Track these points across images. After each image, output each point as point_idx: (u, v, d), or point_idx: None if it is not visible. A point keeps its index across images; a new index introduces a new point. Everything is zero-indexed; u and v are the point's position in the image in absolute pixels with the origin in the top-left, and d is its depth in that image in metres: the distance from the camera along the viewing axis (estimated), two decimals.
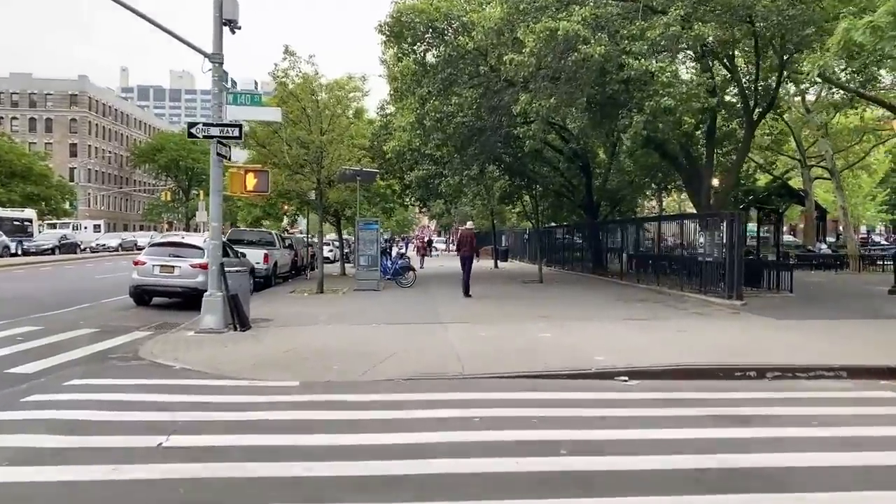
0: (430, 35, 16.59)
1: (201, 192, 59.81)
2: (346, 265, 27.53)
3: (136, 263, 16.32)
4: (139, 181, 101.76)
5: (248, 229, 26.29)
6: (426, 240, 58.50)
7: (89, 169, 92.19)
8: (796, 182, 38.64)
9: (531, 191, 24.35)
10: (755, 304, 15.44)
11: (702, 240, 16.85)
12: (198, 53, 11.92)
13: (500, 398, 7.13)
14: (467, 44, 15.70)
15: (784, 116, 23.75)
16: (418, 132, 17.74)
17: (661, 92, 12.92)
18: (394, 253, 33.72)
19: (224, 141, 11.98)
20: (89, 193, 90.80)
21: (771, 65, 18.11)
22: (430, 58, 17.44)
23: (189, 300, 14.92)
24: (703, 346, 10.12)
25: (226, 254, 17.71)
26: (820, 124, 31.42)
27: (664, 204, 41.89)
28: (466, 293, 17.62)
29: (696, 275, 17.91)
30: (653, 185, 26.53)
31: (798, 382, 8.22)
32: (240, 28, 12.10)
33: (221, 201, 12.22)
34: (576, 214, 31.94)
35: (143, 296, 16.17)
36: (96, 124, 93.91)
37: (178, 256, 15.94)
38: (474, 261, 19.57)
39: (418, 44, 17.01)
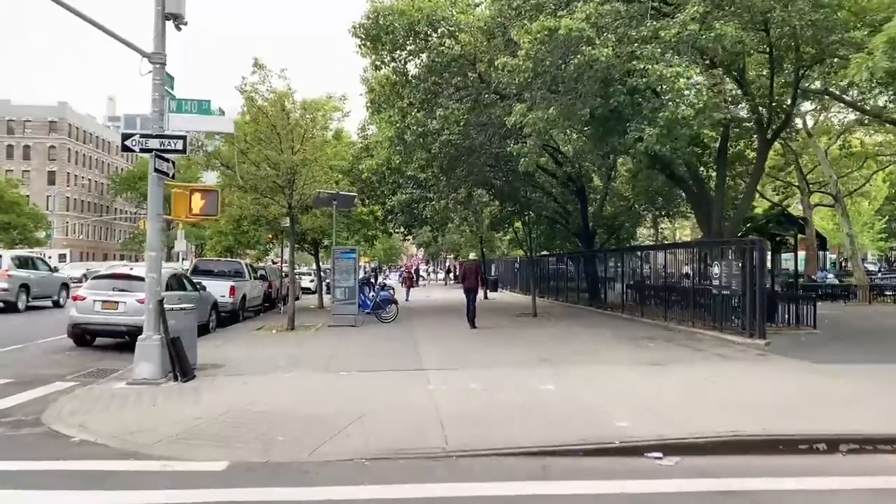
0: (411, 41, 14.84)
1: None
2: (324, 297, 25.46)
3: (74, 298, 14.29)
4: (120, 210, 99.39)
5: (214, 259, 24.26)
6: (413, 269, 56.58)
7: (67, 197, 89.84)
8: (794, 209, 37.23)
9: (523, 217, 22.56)
10: (779, 343, 13.60)
11: (716, 270, 15.07)
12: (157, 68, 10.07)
13: (498, 495, 5.18)
14: (453, 47, 13.98)
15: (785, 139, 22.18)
16: (398, 148, 15.88)
17: (676, 101, 11.22)
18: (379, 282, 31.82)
19: (165, 155, 10.10)
20: (67, 222, 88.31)
21: (786, 80, 16.56)
22: (411, 68, 15.70)
23: (136, 340, 12.87)
24: (742, 401, 8.22)
25: (181, 287, 15.79)
26: (824, 148, 30.08)
27: (662, 232, 40.30)
28: (472, 325, 17.21)
29: (708, 309, 16.12)
30: (654, 211, 24.88)
31: (885, 460, 6.32)
32: (186, 24, 10.30)
33: (161, 226, 10.30)
34: (570, 242, 30.19)
35: (83, 336, 14.12)
36: (76, 151, 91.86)
37: (123, 290, 13.90)
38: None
39: (398, 51, 15.27)
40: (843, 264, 48.02)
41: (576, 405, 8.00)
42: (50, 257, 37.22)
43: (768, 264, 20.22)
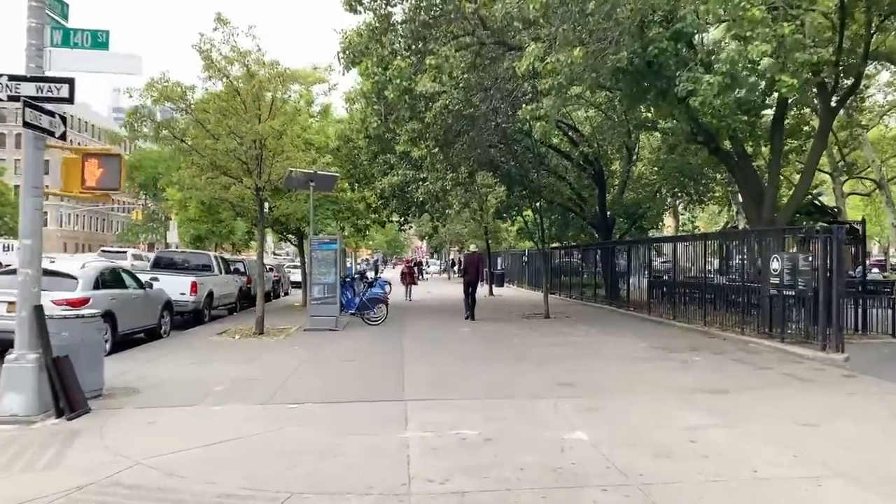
0: None
1: (173, 209, 54.35)
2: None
3: None
4: (118, 200, 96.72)
5: (179, 251, 21.53)
6: (414, 262, 53.65)
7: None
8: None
9: (533, 204, 19.63)
10: (860, 358, 10.73)
11: (775, 265, 12.15)
12: None
13: None
14: None
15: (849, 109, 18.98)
16: (376, 108, 12.95)
17: (742, 37, 8.31)
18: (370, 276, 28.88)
19: (43, 105, 7.26)
20: (61, 212, 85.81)
21: (855, 33, 13.59)
22: (397, 13, 12.62)
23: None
24: (867, 465, 5.36)
25: (118, 283, 13.01)
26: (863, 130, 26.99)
27: (680, 222, 37.23)
28: (472, 317, 17.36)
29: (761, 312, 13.24)
30: (683, 197, 21.93)
31: None
32: None
33: (42, 203, 7.47)
34: (585, 233, 27.28)
35: None
36: (70, 139, 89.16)
37: None
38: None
39: None
40: (884, 259, 44.90)
41: (625, 476, 5.14)
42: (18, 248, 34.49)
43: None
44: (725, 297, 15.22)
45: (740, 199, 26.46)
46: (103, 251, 33.35)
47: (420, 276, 49.92)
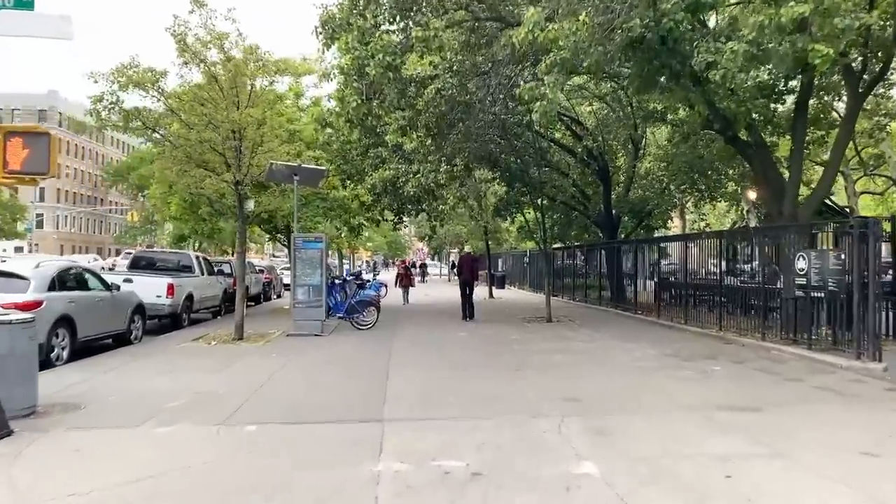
0: None
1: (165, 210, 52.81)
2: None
3: None
4: (115, 202, 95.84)
5: (159, 251, 20.44)
6: (416, 264, 52.40)
7: (58, 189, 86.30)
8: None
9: (535, 201, 18.49)
10: None
11: (801, 264, 11.01)
12: None
13: None
14: None
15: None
16: (356, 86, 11.79)
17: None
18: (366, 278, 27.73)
19: None
20: (58, 214, 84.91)
21: (885, 11, 12.41)
22: None
23: None
24: None
25: (81, 285, 11.90)
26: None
27: (687, 222, 35.97)
28: (471, 317, 17.48)
29: (784, 316, 12.12)
30: (694, 194, 20.76)
31: None
32: None
33: None
34: (589, 233, 26.12)
35: None
36: (67, 141, 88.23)
37: None
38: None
39: None
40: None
41: None
42: (4, 249, 33.53)
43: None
44: (742, 299, 14.08)
45: (751, 197, 25.33)
46: (127, 254, 31.74)
47: (421, 279, 48.83)
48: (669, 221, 26.86)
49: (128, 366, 10.23)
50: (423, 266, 53.33)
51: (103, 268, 23.66)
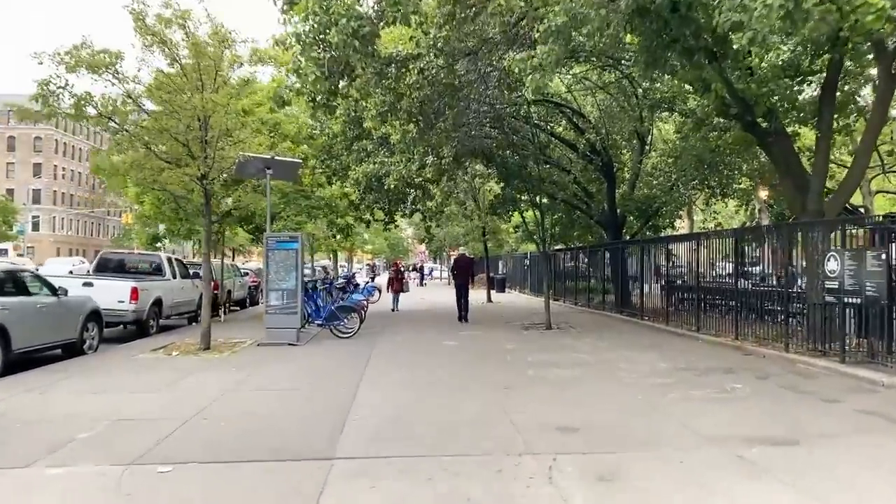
0: None
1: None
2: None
3: None
4: (111, 203, 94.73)
5: (127, 252, 19.19)
6: (414, 267, 51.05)
7: (55, 191, 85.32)
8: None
9: (533, 198, 17.14)
10: None
11: (831, 265, 9.67)
12: None
13: None
14: None
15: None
16: (315, 54, 10.39)
17: None
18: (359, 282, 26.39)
19: None
20: (54, 217, 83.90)
21: None
22: None
23: None
24: None
25: (21, 290, 10.61)
26: None
27: (695, 221, 34.49)
28: (465, 319, 17.50)
29: (810, 324, 10.79)
30: (705, 190, 19.36)
31: None
32: None
33: None
34: (591, 233, 24.77)
35: None
36: (64, 142, 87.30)
37: None
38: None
39: None
40: None
41: None
42: None
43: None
44: (761, 304, 12.74)
45: (763, 195, 23.97)
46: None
47: (420, 282, 47.49)
48: (678, 221, 25.50)
49: (59, 383, 8.92)
50: (422, 269, 52.00)
51: (89, 271, 22.43)
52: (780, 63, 9.91)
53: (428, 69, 10.42)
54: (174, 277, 16.60)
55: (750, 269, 13.52)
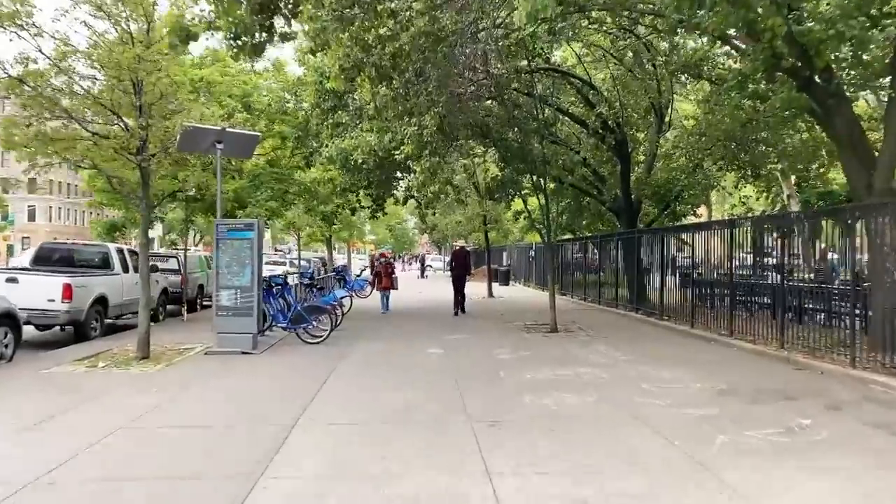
0: None
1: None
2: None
3: None
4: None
5: (71, 243, 17.06)
6: (415, 257, 48.82)
7: (51, 180, 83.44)
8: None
9: (537, 180, 14.88)
10: None
11: None
12: None
13: None
14: None
15: None
16: None
17: None
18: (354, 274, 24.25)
19: None
20: (50, 206, 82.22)
21: None
22: None
23: None
24: None
25: None
26: None
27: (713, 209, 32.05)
28: (462, 311, 17.25)
29: (874, 331, 8.59)
30: (736, 170, 16.81)
31: None
32: None
33: None
34: (602, 221, 22.50)
35: None
36: None
37: None
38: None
39: None
40: None
41: None
42: None
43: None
44: (811, 304, 10.53)
45: (793, 179, 21.58)
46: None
47: (421, 275, 45.23)
48: (705, 204, 23.16)
49: None
50: (423, 260, 49.79)
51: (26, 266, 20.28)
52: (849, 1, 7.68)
53: (401, 12, 8.21)
54: (125, 271, 14.49)
55: (795, 261, 11.28)
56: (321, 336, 12.01)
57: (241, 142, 11.36)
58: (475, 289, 23.65)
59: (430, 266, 51.09)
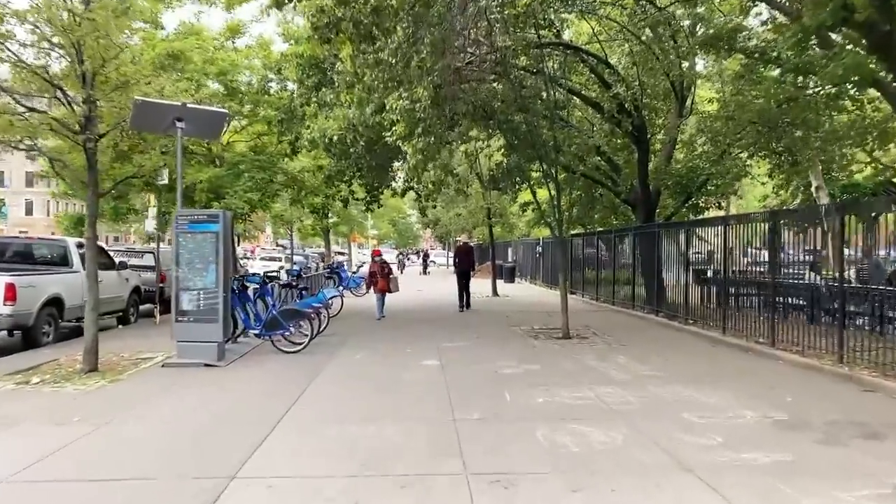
0: None
1: (150, 196, 47.79)
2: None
3: None
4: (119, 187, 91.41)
5: (25, 238, 15.61)
6: (419, 252, 47.29)
7: (47, 172, 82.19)
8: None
9: (546, 169, 13.27)
10: None
11: None
12: None
13: None
14: None
15: None
16: None
17: None
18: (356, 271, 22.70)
19: None
20: (47, 200, 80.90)
21: None
22: None
23: None
24: None
25: None
26: None
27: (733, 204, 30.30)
28: (468, 306, 17.08)
29: None
30: (771, 157, 15.03)
31: None
32: None
33: None
34: (616, 214, 20.89)
35: None
36: None
37: None
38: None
39: None
40: None
41: None
42: None
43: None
44: (870, 310, 8.95)
45: (819, 168, 19.87)
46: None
47: (423, 271, 43.63)
48: (735, 195, 21.42)
49: None
50: (426, 256, 48.19)
51: None
52: None
53: None
54: (87, 269, 12.97)
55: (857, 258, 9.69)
56: (299, 345, 10.47)
57: (205, 119, 9.80)
58: (479, 287, 22.09)
59: (434, 262, 49.51)
